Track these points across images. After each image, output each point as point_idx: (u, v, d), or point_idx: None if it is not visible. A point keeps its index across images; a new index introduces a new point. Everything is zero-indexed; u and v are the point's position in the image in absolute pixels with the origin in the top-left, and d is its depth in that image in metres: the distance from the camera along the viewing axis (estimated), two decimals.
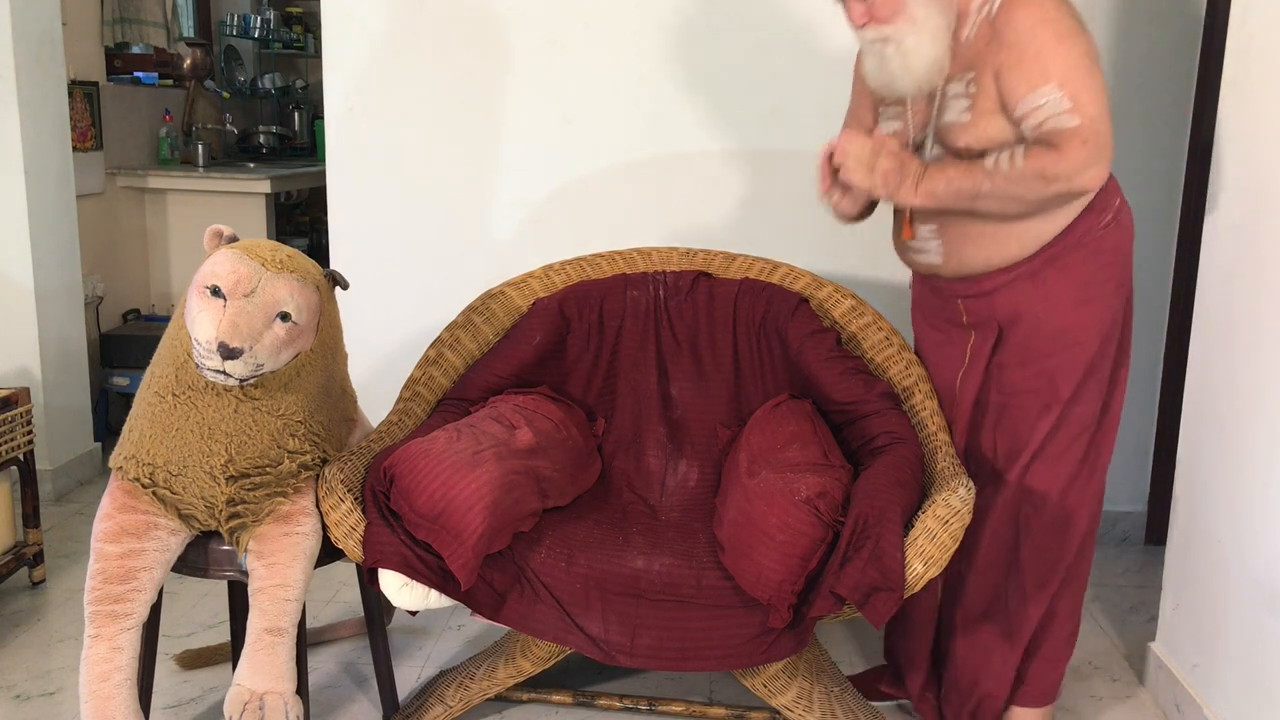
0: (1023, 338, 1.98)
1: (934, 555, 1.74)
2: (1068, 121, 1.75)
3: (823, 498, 1.79)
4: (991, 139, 1.84)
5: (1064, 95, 1.74)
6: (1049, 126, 1.76)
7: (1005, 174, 1.80)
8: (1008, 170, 1.79)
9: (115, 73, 4.28)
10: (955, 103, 1.87)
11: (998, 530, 2.06)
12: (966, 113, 1.86)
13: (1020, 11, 1.79)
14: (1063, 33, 1.76)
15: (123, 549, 1.80)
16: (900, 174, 1.87)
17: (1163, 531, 2.51)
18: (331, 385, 1.97)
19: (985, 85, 1.83)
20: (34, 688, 2.34)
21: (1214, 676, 2.12)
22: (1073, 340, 1.95)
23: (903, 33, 1.85)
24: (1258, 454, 1.97)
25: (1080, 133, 1.74)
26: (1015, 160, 1.79)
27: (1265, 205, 1.97)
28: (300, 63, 6.25)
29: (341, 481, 1.88)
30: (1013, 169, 1.79)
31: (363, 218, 3.15)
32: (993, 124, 1.84)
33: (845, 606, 1.77)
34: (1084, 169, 1.75)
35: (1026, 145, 1.80)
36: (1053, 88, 1.75)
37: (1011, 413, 2.02)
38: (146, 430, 1.84)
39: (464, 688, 2.17)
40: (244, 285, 1.73)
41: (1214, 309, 2.16)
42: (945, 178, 1.84)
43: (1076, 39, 1.77)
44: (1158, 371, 3.13)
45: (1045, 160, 1.76)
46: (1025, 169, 1.77)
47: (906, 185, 1.87)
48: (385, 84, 3.07)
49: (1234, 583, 2.04)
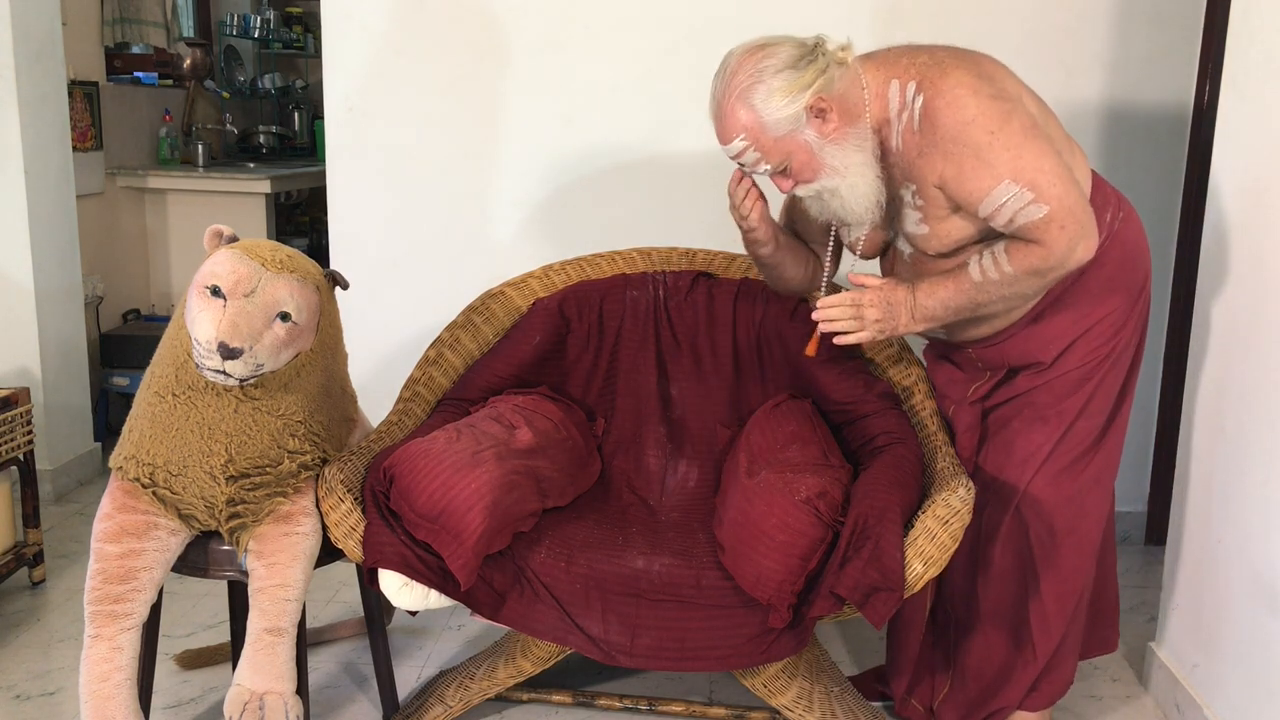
0: (1032, 372, 1.99)
1: (934, 555, 1.74)
2: (1036, 213, 1.71)
3: (822, 498, 1.79)
4: (957, 240, 1.85)
5: (1021, 188, 1.70)
6: (1020, 221, 1.73)
7: (997, 282, 1.80)
8: (998, 278, 1.79)
9: (115, 73, 4.28)
10: (908, 213, 1.87)
11: (1009, 547, 2.04)
12: (922, 224, 1.85)
13: (943, 117, 1.73)
14: (994, 125, 1.71)
15: (123, 549, 1.80)
16: (892, 316, 1.87)
17: (1163, 531, 2.51)
18: (331, 385, 1.97)
19: (931, 196, 1.81)
20: (34, 688, 2.34)
21: (1214, 676, 2.12)
22: (1080, 361, 1.95)
23: (833, 184, 1.83)
24: (1257, 454, 1.97)
25: (1054, 219, 1.71)
26: (1001, 265, 1.78)
27: (1265, 205, 1.97)
28: (300, 63, 6.25)
29: (341, 482, 1.88)
30: (1002, 275, 1.79)
31: (363, 218, 3.15)
32: (952, 227, 1.84)
33: (845, 607, 1.77)
34: (1072, 250, 1.74)
35: (1006, 243, 1.78)
36: (1007, 184, 1.71)
37: (1013, 429, 2.01)
38: (146, 430, 1.84)
39: (464, 688, 2.17)
40: (244, 285, 1.73)
41: (1214, 309, 2.16)
42: (939, 301, 1.85)
43: (1007, 123, 1.71)
44: (1158, 371, 3.12)
45: (1033, 258, 1.75)
46: (1016, 272, 1.77)
47: (902, 322, 1.87)
48: (385, 84, 3.07)
49: (1234, 583, 2.04)
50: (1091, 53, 2.95)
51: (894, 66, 1.81)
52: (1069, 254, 1.74)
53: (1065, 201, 1.71)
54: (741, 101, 1.79)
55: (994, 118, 1.71)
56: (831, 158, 1.80)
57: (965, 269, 1.83)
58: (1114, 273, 1.92)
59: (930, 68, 1.77)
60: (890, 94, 1.80)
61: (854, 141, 1.80)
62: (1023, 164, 1.70)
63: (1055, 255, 1.74)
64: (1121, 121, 2.99)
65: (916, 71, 1.78)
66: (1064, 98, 2.98)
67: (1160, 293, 3.08)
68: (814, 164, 1.82)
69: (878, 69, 1.82)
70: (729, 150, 1.83)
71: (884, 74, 1.81)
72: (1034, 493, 2.00)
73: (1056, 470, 1.99)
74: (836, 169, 1.81)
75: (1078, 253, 1.75)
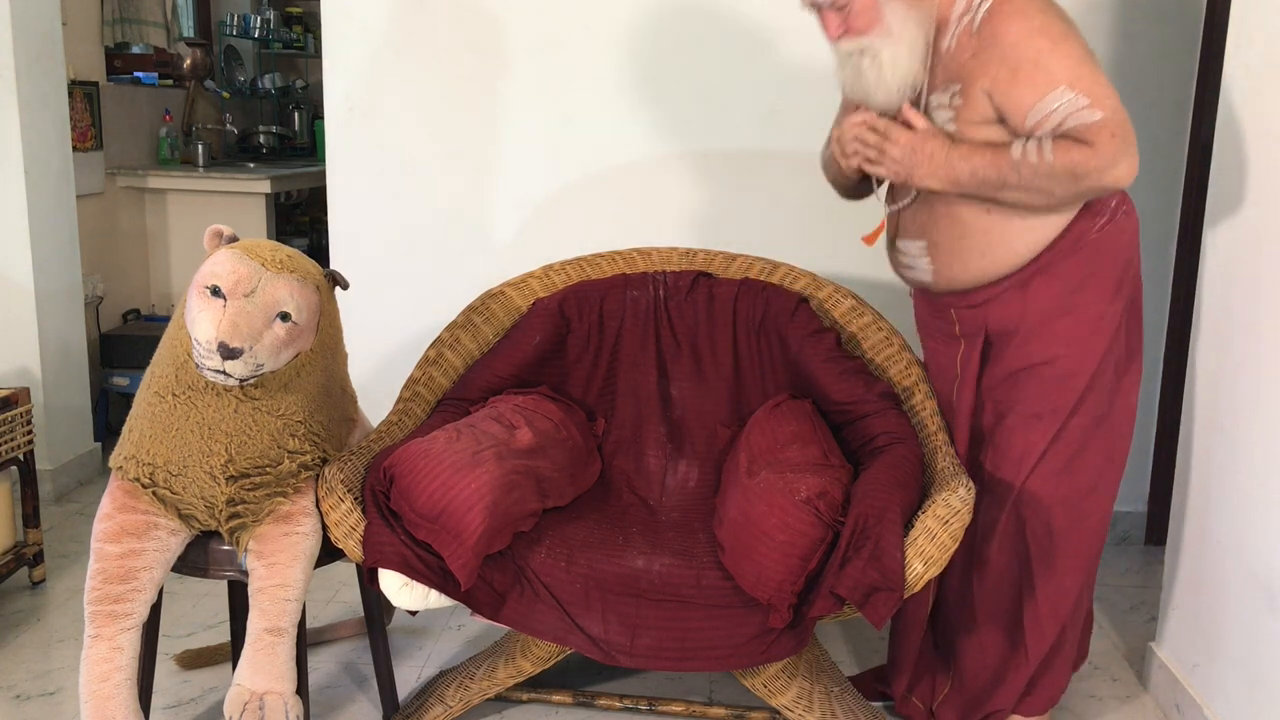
0: (1015, 350, 1.94)
1: (934, 555, 1.74)
2: (1090, 116, 1.69)
3: (822, 498, 1.79)
4: None
5: (1078, 94, 1.69)
6: (1071, 124, 1.70)
7: (1034, 167, 1.73)
8: (1036, 163, 1.73)
9: (115, 73, 4.28)
10: (938, 114, 1.83)
11: (1005, 546, 2.03)
12: (951, 123, 1.81)
13: (1008, 23, 1.73)
14: (1057, 37, 1.72)
15: (123, 549, 1.80)
16: (913, 164, 1.82)
17: (1163, 531, 2.51)
18: (331, 385, 1.97)
19: (973, 99, 1.78)
20: (34, 688, 2.34)
21: (1214, 676, 2.12)
22: (1066, 351, 1.91)
23: (879, 45, 1.80)
24: (1258, 454, 1.97)
25: (1107, 125, 1.69)
26: (1044, 154, 1.72)
27: (1265, 205, 1.97)
28: (300, 63, 6.25)
29: (341, 481, 1.88)
30: (1041, 163, 1.72)
31: (363, 218, 3.15)
32: (979, 135, 1.80)
33: (845, 607, 1.77)
34: (1116, 162, 1.70)
35: (1054, 138, 1.73)
36: (1064, 89, 1.70)
37: (1008, 426, 1.98)
38: (146, 430, 1.84)
39: (464, 688, 2.17)
40: (244, 285, 1.73)
41: (1214, 309, 2.16)
42: (971, 166, 1.78)
43: (1073, 42, 1.73)
44: (1158, 371, 3.12)
45: (1077, 155, 1.70)
46: (1056, 164, 1.72)
47: (920, 173, 1.82)
48: (385, 84, 3.07)
49: (1234, 583, 2.04)
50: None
51: None
52: (1114, 164, 1.70)
53: (1119, 114, 1.70)
54: None
55: (1057, 31, 1.72)
56: (894, 17, 1.78)
57: (1007, 146, 1.76)
58: (1105, 259, 1.89)
59: None
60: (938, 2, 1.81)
61: (918, 15, 1.79)
62: (1081, 73, 1.70)
63: (1101, 159, 1.69)
64: None
65: None
66: None
67: (1160, 293, 3.08)
68: (874, 15, 1.78)
69: None
70: None
71: None
72: (1031, 491, 1.98)
73: (1052, 470, 1.98)
74: (892, 31, 1.78)
75: (1120, 168, 1.71)
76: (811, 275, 2.35)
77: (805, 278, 2.35)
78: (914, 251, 1.98)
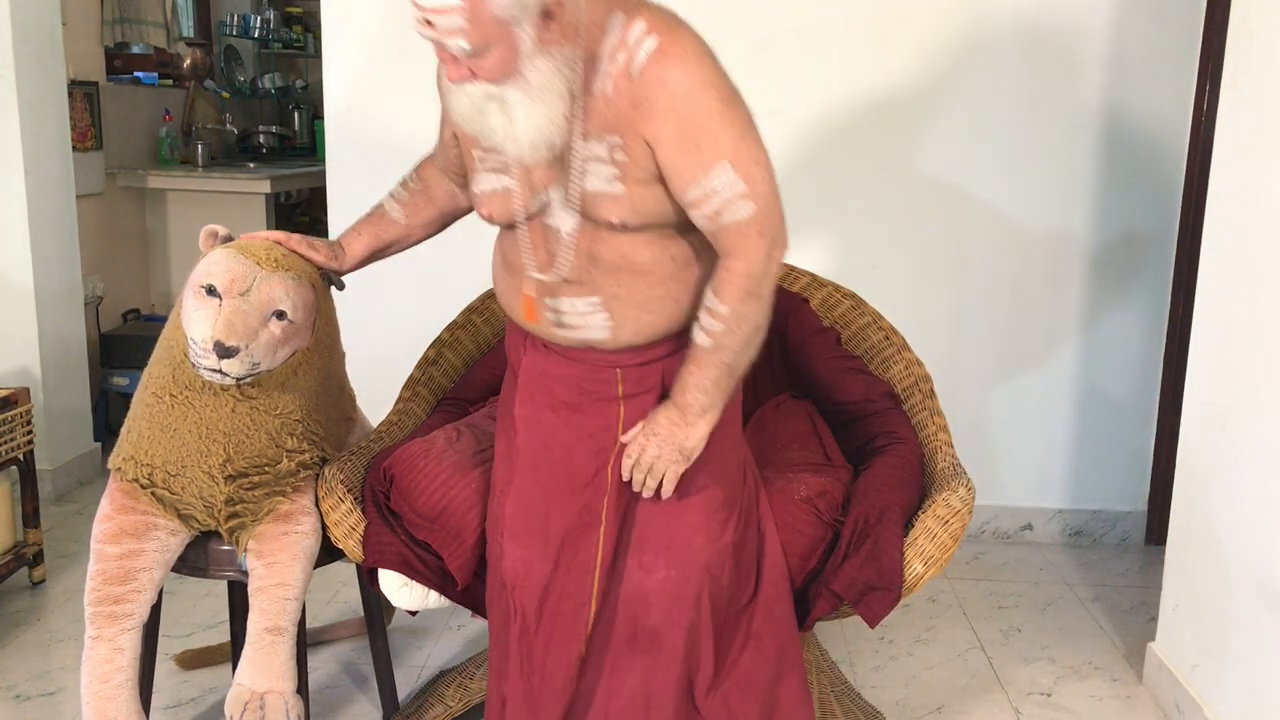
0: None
1: (934, 555, 1.74)
2: (743, 210, 1.52)
3: (822, 497, 1.79)
4: (650, 212, 1.56)
5: (736, 175, 1.51)
6: (725, 219, 1.53)
7: (725, 330, 1.57)
8: (722, 326, 1.57)
9: (115, 73, 4.28)
10: (598, 168, 1.54)
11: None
12: (617, 182, 1.54)
13: (675, 72, 1.49)
14: (726, 98, 1.52)
15: (122, 549, 1.80)
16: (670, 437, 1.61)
17: (1163, 531, 2.51)
18: (329, 384, 1.97)
19: (636, 154, 1.52)
20: (34, 688, 2.34)
21: (1214, 676, 2.12)
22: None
23: (512, 97, 1.49)
24: (1258, 454, 1.97)
25: (754, 223, 1.53)
26: (716, 310, 1.56)
27: (1265, 205, 1.97)
28: (300, 63, 6.25)
29: (341, 481, 1.88)
30: (724, 320, 1.56)
31: None
32: (649, 195, 1.55)
33: (844, 606, 1.77)
34: (770, 259, 1.56)
35: (708, 288, 1.58)
36: (726, 166, 1.51)
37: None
38: (144, 431, 1.84)
39: (464, 688, 2.17)
40: (239, 284, 1.73)
41: (1214, 309, 2.16)
42: (693, 388, 1.60)
43: (739, 106, 1.54)
44: (1158, 371, 3.13)
45: (736, 282, 1.55)
46: (733, 309, 1.56)
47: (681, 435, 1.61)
48: (385, 84, 3.07)
49: (1234, 583, 2.04)
50: (1091, 53, 2.95)
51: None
52: (768, 262, 1.56)
53: (771, 204, 1.55)
54: None
55: (726, 90, 1.53)
56: (531, 69, 1.47)
57: (694, 345, 1.60)
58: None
59: (661, 14, 1.54)
60: (611, 25, 1.51)
61: (562, 63, 1.49)
62: (743, 148, 1.52)
63: (755, 267, 1.55)
64: (1121, 121, 2.99)
65: (646, 13, 1.52)
66: (1064, 98, 2.98)
67: (1160, 292, 3.08)
68: (510, 67, 1.47)
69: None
70: (431, 2, 1.43)
71: (606, 2, 1.52)
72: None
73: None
74: (530, 83, 1.48)
75: (774, 258, 1.57)
76: (812, 275, 2.35)
77: (805, 277, 2.35)
78: (581, 309, 1.64)
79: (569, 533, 1.67)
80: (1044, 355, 3.14)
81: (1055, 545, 3.22)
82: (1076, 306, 3.10)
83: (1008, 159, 3.02)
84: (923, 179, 3.05)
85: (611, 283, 1.61)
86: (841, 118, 3.03)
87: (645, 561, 1.68)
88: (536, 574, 1.67)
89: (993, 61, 2.97)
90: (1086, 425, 3.17)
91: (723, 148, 1.51)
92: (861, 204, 3.08)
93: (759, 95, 2.98)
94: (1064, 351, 3.13)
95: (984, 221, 3.06)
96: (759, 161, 1.54)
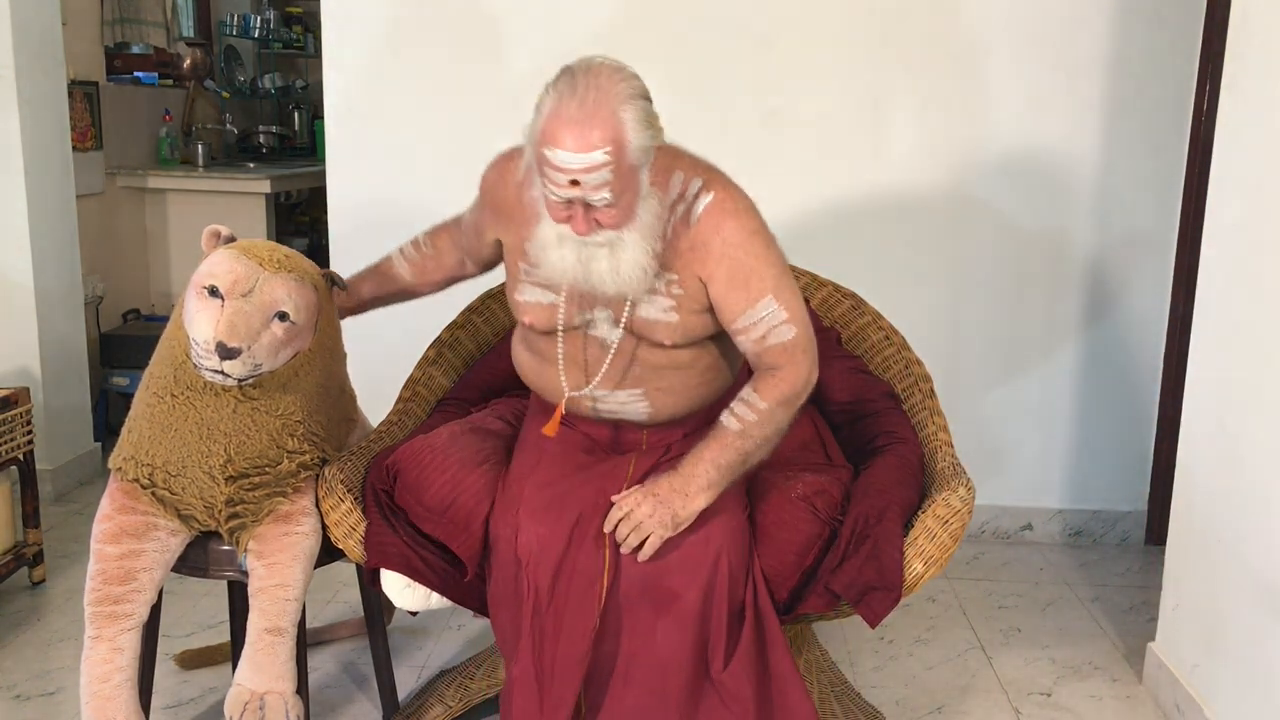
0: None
1: (934, 555, 1.74)
2: (787, 334, 1.73)
3: (820, 495, 1.79)
4: (696, 335, 1.77)
5: (779, 306, 1.72)
6: (771, 341, 1.73)
7: (756, 421, 1.73)
8: (756, 418, 1.73)
9: (115, 73, 4.28)
10: (654, 299, 1.73)
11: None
12: (673, 312, 1.74)
13: (730, 222, 1.70)
14: (768, 242, 1.74)
15: (122, 550, 1.80)
16: (666, 504, 1.68)
17: (1163, 531, 2.51)
18: (330, 385, 1.97)
19: (690, 288, 1.73)
20: (34, 688, 2.34)
21: (1214, 676, 2.12)
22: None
23: (629, 239, 1.64)
24: (1257, 454, 1.97)
25: (799, 343, 1.74)
26: (755, 404, 1.73)
27: (1265, 205, 1.97)
28: (300, 63, 6.25)
29: (341, 482, 1.88)
30: (759, 413, 1.73)
31: (363, 218, 3.14)
32: (698, 322, 1.76)
33: (844, 605, 1.77)
34: (809, 376, 1.76)
35: (751, 384, 1.75)
36: (769, 300, 1.72)
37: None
38: (145, 431, 1.84)
39: (464, 688, 2.17)
40: (241, 285, 1.73)
41: (1214, 309, 2.16)
42: (707, 464, 1.71)
43: (772, 247, 1.75)
44: (1158, 372, 3.13)
45: (780, 388, 1.73)
46: (770, 408, 1.73)
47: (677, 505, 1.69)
48: (385, 84, 3.07)
49: (1234, 583, 2.04)
50: (1091, 53, 2.95)
51: (675, 159, 1.73)
52: (809, 379, 1.76)
53: (808, 330, 1.76)
54: (616, 112, 1.55)
55: (767, 238, 1.75)
56: (644, 210, 1.65)
57: (720, 426, 1.74)
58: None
59: (711, 172, 1.75)
60: (672, 182, 1.71)
61: (656, 204, 1.67)
62: (782, 285, 1.74)
63: (800, 380, 1.74)
64: (1121, 121, 2.99)
65: (700, 171, 1.74)
66: (1064, 98, 2.98)
67: (1160, 292, 3.08)
68: (632, 212, 1.63)
69: (660, 154, 1.69)
70: (582, 161, 1.53)
71: (666, 161, 1.71)
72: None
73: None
74: (642, 223, 1.65)
75: (812, 378, 1.77)
76: (811, 275, 2.35)
77: (805, 277, 2.35)
78: (623, 399, 1.83)
79: (584, 514, 1.72)
80: (1044, 355, 3.14)
81: (1055, 545, 3.22)
82: (1076, 306, 3.10)
83: (1008, 159, 3.02)
84: (923, 179, 3.05)
85: (654, 378, 1.80)
86: (841, 118, 3.03)
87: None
88: (551, 550, 1.71)
89: (993, 61, 2.97)
90: (1086, 425, 3.17)
91: (767, 284, 1.72)
92: (861, 204, 3.08)
93: (759, 95, 3.01)
94: (1064, 351, 3.13)
95: (984, 221, 3.06)
96: (796, 294, 1.76)
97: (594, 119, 1.53)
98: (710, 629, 1.72)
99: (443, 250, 2.05)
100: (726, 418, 1.75)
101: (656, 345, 1.77)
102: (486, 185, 1.88)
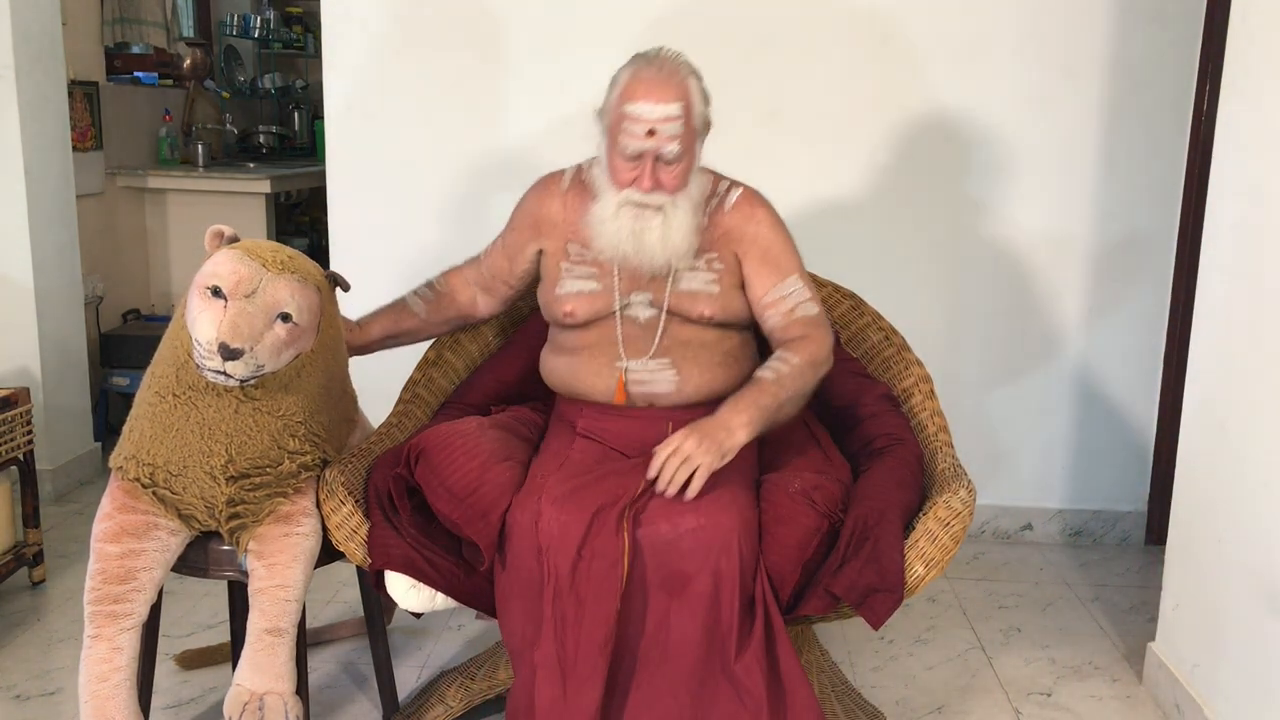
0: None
1: (935, 557, 1.74)
2: (812, 309, 1.96)
3: (818, 490, 1.79)
4: (733, 311, 1.96)
5: (803, 285, 1.97)
6: (799, 313, 1.95)
7: (790, 374, 1.86)
8: (789, 371, 1.86)
9: (115, 73, 4.28)
10: (695, 274, 1.94)
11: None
12: (714, 284, 1.94)
13: (761, 210, 1.97)
14: (791, 239, 1.99)
15: (122, 549, 1.80)
16: (713, 437, 1.74)
17: (1163, 531, 2.51)
18: (332, 386, 1.97)
19: (728, 263, 1.95)
20: (34, 688, 2.34)
21: (1214, 676, 2.12)
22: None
23: (682, 205, 1.87)
24: (1258, 454, 1.97)
25: (821, 319, 1.97)
26: (789, 359, 1.87)
27: (1265, 205, 1.97)
28: (300, 63, 6.25)
29: (343, 485, 1.88)
30: (792, 367, 1.86)
31: (363, 218, 3.14)
32: (735, 298, 1.96)
33: (844, 608, 1.76)
34: (831, 348, 1.96)
35: (784, 348, 1.91)
36: (795, 279, 1.96)
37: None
38: (147, 430, 1.84)
39: (464, 688, 2.17)
40: (245, 286, 1.73)
41: (1214, 309, 2.16)
42: (747, 404, 1.79)
43: (792, 240, 2.00)
44: (1158, 372, 3.13)
45: (810, 348, 1.90)
46: (801, 363, 1.88)
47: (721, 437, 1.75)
48: (385, 84, 3.07)
49: (1234, 583, 2.04)
50: (1091, 53, 2.95)
51: (707, 171, 1.98)
52: (830, 351, 1.95)
53: (822, 308, 2.00)
54: (685, 80, 1.84)
55: (788, 230, 2.00)
56: (694, 183, 1.90)
57: (755, 378, 1.85)
58: None
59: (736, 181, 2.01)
60: (706, 183, 1.96)
61: (704, 181, 1.94)
62: (803, 270, 2.00)
63: (825, 347, 1.93)
64: (1121, 121, 2.99)
65: (728, 179, 2.00)
66: (1064, 98, 2.98)
67: (1160, 292, 3.08)
68: (686, 179, 1.88)
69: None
70: (661, 111, 1.80)
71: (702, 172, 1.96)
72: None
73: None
74: (690, 196, 1.89)
75: (832, 354, 1.96)
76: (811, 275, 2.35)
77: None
78: (653, 367, 1.94)
79: (604, 504, 1.75)
80: (1044, 355, 3.14)
81: (1055, 545, 3.22)
82: (1076, 306, 3.10)
83: (1008, 159, 3.02)
84: (922, 179, 3.05)
85: (681, 349, 1.95)
86: (841, 118, 3.03)
87: (674, 516, 1.74)
88: (572, 535, 1.72)
89: (993, 61, 2.97)
90: (1086, 425, 3.17)
91: (794, 264, 1.98)
92: (861, 204, 3.08)
93: (759, 95, 3.01)
94: (1064, 351, 3.13)
95: (984, 221, 3.06)
96: (811, 282, 2.01)
97: (670, 81, 1.81)
98: (721, 615, 1.72)
99: (456, 288, 2.18)
100: (762, 371, 1.87)
101: (690, 322, 1.94)
102: (527, 205, 2.09)
